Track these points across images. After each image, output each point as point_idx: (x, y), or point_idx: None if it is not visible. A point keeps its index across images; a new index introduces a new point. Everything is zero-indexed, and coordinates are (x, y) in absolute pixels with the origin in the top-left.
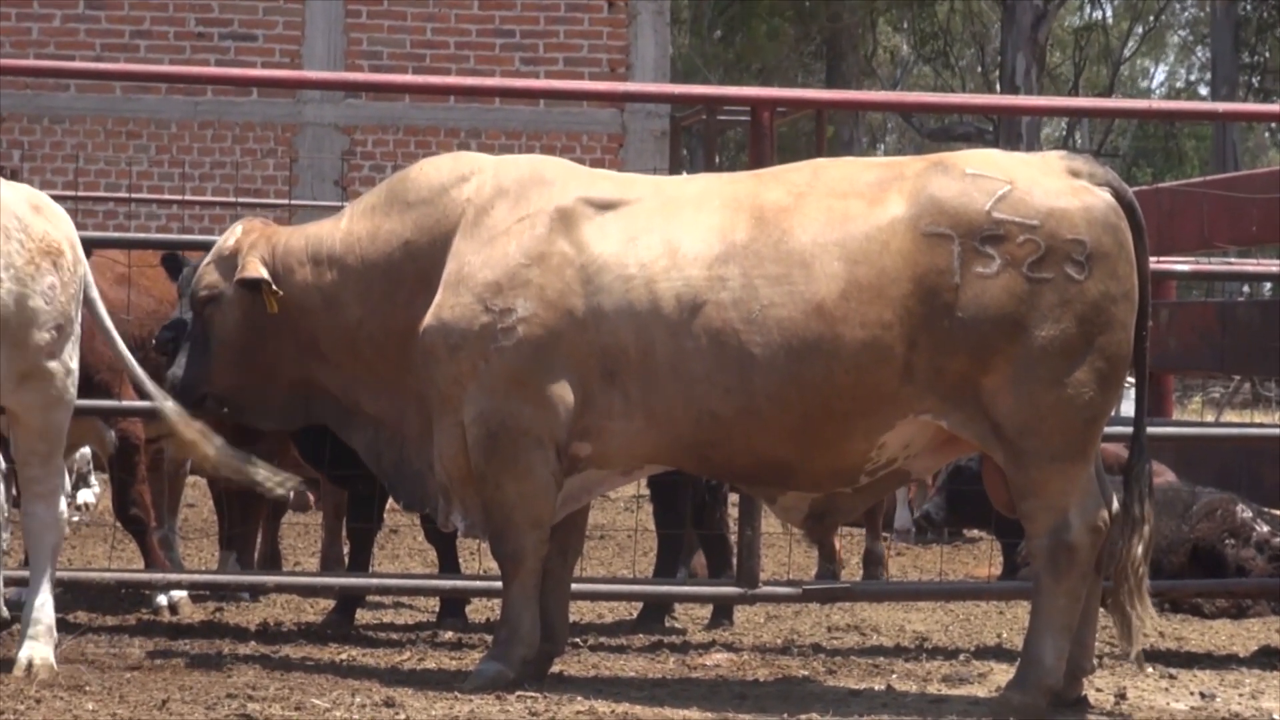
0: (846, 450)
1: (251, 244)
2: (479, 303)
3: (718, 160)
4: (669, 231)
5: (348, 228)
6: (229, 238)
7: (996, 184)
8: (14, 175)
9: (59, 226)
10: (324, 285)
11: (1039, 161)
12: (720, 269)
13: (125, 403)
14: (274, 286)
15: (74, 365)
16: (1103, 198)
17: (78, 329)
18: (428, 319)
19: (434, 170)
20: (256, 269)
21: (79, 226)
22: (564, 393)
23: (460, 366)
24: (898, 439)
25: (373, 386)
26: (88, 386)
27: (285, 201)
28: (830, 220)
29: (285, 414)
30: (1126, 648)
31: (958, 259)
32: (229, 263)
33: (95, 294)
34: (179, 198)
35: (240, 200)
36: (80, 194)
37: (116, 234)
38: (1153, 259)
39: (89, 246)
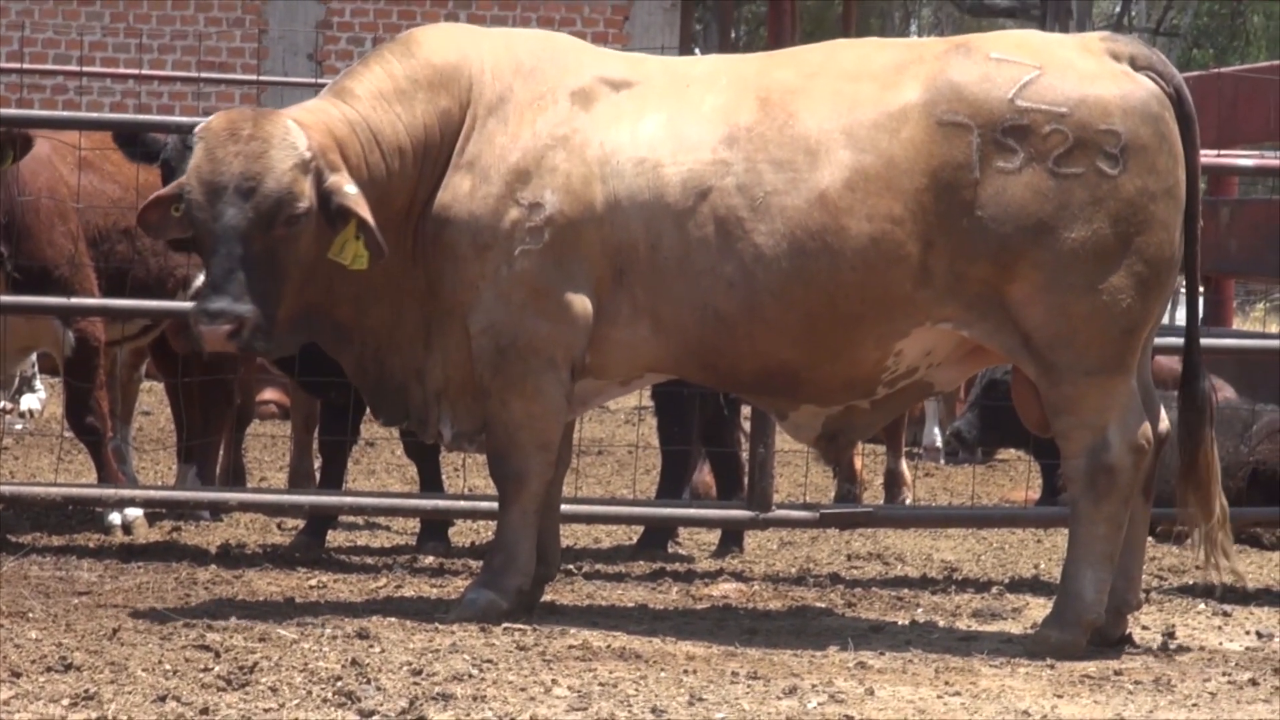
0: (858, 358)
1: (323, 149)
2: (509, 194)
3: (734, 38)
4: (676, 113)
5: (389, 110)
6: (298, 137)
7: (1022, 69)
8: None
9: None
10: (378, 179)
11: (1076, 44)
12: (725, 153)
13: (83, 300)
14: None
15: None
16: (1143, 84)
17: None
18: (452, 206)
19: (443, 39)
20: (363, 205)
21: (23, 104)
22: (583, 306)
23: (484, 268)
24: (917, 347)
25: (381, 290)
26: (45, 282)
27: (253, 78)
28: (838, 104)
29: (294, 338)
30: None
31: (977, 151)
32: (310, 170)
33: None
34: (135, 72)
35: (203, 75)
36: (26, 67)
37: (67, 113)
38: (1213, 152)
39: (33, 127)
